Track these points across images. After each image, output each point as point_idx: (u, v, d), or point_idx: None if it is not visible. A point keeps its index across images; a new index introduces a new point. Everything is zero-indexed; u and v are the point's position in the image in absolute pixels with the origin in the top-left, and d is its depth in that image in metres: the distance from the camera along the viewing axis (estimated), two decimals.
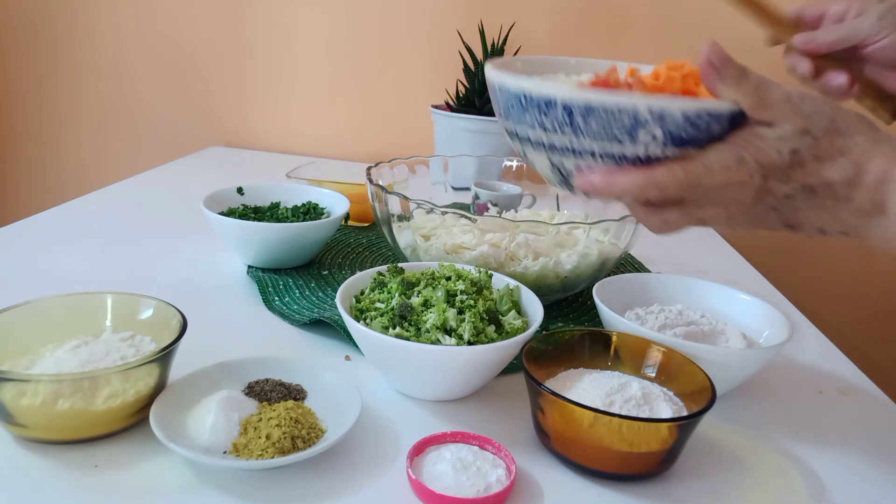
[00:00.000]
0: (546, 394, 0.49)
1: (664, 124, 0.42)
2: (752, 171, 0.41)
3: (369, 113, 1.43)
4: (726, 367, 0.58)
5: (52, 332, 0.54)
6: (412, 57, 1.38)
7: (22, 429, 0.48)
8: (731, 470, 0.53)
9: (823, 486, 0.52)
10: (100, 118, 1.52)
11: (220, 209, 0.83)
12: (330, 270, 0.83)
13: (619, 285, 0.70)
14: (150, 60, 1.46)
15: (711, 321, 0.66)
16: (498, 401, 0.59)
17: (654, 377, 0.56)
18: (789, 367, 0.69)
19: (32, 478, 0.45)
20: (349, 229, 0.98)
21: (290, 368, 0.56)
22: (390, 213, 0.75)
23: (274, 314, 0.71)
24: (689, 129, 0.42)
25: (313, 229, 0.79)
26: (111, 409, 0.47)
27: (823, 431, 0.59)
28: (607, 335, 0.60)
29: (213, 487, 0.46)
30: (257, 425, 0.48)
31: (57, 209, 0.98)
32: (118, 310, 0.57)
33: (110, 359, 0.51)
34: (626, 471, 0.49)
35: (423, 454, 0.49)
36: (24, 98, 1.53)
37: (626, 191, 0.44)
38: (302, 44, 1.40)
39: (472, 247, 0.72)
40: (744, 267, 1.02)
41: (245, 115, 1.47)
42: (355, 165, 1.08)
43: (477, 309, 0.57)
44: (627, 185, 0.43)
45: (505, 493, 0.46)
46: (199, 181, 1.18)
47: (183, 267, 0.82)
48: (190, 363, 0.53)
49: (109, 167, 1.54)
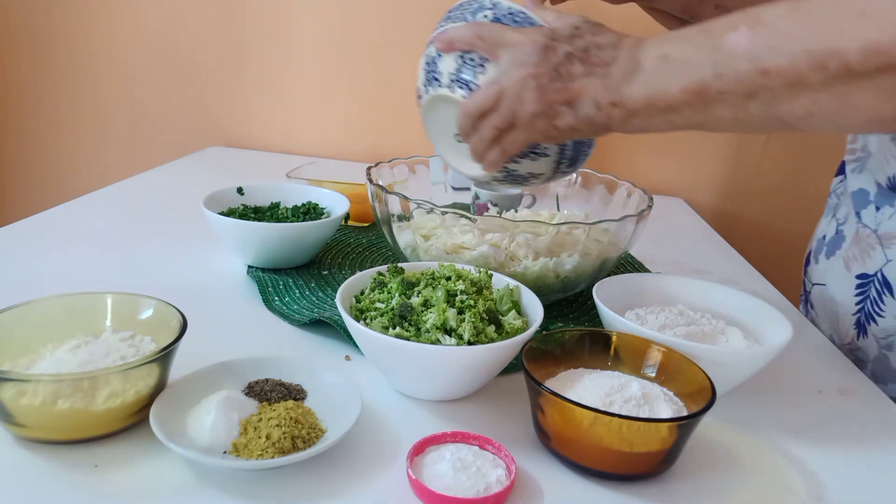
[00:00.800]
0: (546, 394, 0.49)
1: (495, 10, 0.60)
2: (542, 33, 0.55)
3: (369, 113, 1.43)
4: (726, 367, 0.58)
5: (52, 332, 0.54)
6: (412, 57, 1.37)
7: (22, 429, 0.48)
8: (731, 470, 0.53)
9: (823, 486, 0.52)
10: (99, 118, 1.52)
11: (220, 209, 0.83)
12: (330, 270, 0.83)
13: (619, 285, 0.70)
14: (150, 61, 1.46)
15: (711, 321, 0.66)
16: (498, 401, 0.59)
17: (654, 377, 0.56)
18: (789, 367, 0.69)
19: (32, 478, 0.45)
20: (349, 229, 0.98)
21: (290, 368, 0.56)
22: (390, 213, 0.75)
23: (274, 314, 0.71)
24: (509, 17, 0.59)
25: (313, 229, 0.79)
26: (111, 409, 0.47)
27: (823, 431, 0.59)
28: (607, 335, 0.60)
29: (213, 487, 0.46)
30: (257, 425, 0.48)
31: (56, 209, 0.98)
32: (118, 310, 0.57)
33: (110, 359, 0.51)
34: (625, 471, 0.49)
35: (423, 454, 0.49)
36: (23, 98, 1.53)
37: (457, 34, 0.59)
38: (302, 44, 1.40)
39: (472, 247, 0.72)
40: (744, 267, 1.02)
41: (245, 115, 1.47)
42: (355, 165, 1.08)
43: (477, 309, 0.57)
44: (458, 29, 0.59)
45: (505, 493, 0.46)
46: (199, 181, 1.18)
47: (183, 267, 0.82)
48: (190, 363, 0.53)
49: (109, 167, 1.54)
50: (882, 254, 0.73)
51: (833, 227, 0.84)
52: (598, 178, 0.89)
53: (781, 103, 0.47)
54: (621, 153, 1.39)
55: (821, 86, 0.46)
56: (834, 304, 0.80)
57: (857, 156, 0.80)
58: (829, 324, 0.82)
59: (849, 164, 0.82)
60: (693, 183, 1.39)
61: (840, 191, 0.85)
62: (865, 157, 0.79)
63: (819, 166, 1.30)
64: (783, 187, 1.36)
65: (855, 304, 0.77)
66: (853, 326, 0.77)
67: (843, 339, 0.79)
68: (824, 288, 0.82)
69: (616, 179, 0.87)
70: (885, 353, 0.74)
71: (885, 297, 0.73)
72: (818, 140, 1.29)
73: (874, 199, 0.77)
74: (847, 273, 0.78)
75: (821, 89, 0.46)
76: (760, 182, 1.37)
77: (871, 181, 0.77)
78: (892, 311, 0.72)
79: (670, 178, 1.39)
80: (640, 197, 0.80)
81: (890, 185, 0.73)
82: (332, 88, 1.42)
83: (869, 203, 0.77)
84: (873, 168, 0.76)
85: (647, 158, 1.39)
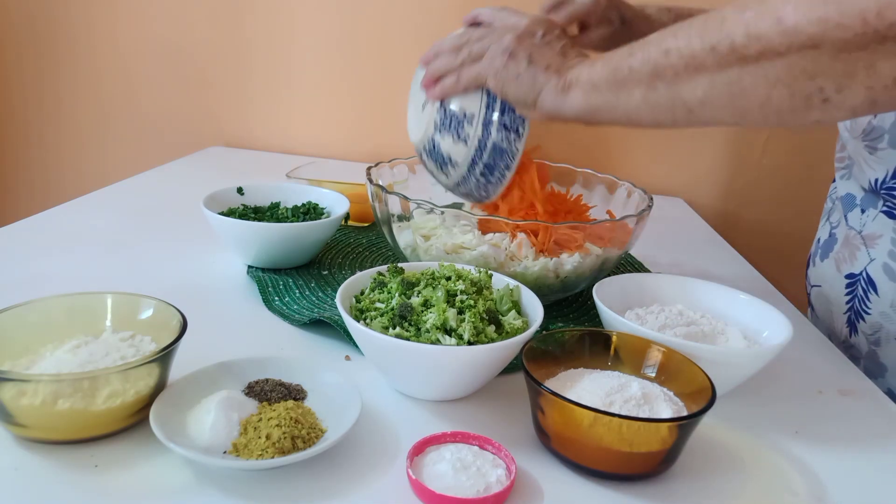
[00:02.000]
0: (546, 394, 0.49)
1: None
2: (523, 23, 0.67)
3: (369, 113, 1.43)
4: (726, 367, 0.58)
5: (52, 332, 0.54)
6: (412, 57, 1.37)
7: (22, 429, 0.48)
8: (731, 470, 0.53)
9: (823, 486, 0.52)
10: (99, 118, 1.52)
11: (220, 209, 0.83)
12: (330, 270, 0.83)
13: (619, 285, 0.70)
14: (151, 61, 1.46)
15: (711, 321, 0.66)
16: (498, 401, 0.59)
17: (654, 377, 0.56)
18: (789, 367, 0.69)
19: (32, 478, 0.45)
20: (349, 229, 0.98)
21: (290, 368, 0.56)
22: (390, 213, 0.75)
23: (274, 314, 0.71)
24: None
25: (313, 229, 0.79)
26: (111, 409, 0.47)
27: (823, 431, 0.59)
28: (607, 335, 0.60)
29: (213, 487, 0.46)
30: (257, 425, 0.48)
31: (57, 209, 0.98)
32: (118, 310, 0.57)
33: (110, 359, 0.51)
34: (625, 471, 0.49)
35: (423, 454, 0.49)
36: (24, 98, 1.53)
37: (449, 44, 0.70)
38: (302, 43, 1.40)
39: (472, 247, 0.72)
40: (744, 267, 1.02)
41: (245, 115, 1.47)
42: (355, 165, 1.08)
43: (477, 309, 0.57)
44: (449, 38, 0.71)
45: (505, 493, 0.46)
46: (199, 181, 1.18)
47: (183, 267, 0.82)
48: (190, 363, 0.53)
49: (109, 167, 1.54)
50: (866, 253, 0.75)
51: (827, 231, 0.86)
52: (599, 178, 0.89)
53: (683, 83, 0.52)
54: (621, 153, 1.39)
55: (716, 68, 0.49)
56: (829, 303, 0.82)
57: (846, 163, 0.83)
58: (827, 323, 0.84)
59: (838, 171, 0.85)
60: (693, 183, 1.39)
61: (834, 195, 0.87)
62: (851, 164, 0.81)
63: (819, 167, 1.30)
64: (783, 187, 1.36)
65: (845, 304, 0.79)
66: (846, 325, 0.79)
67: (838, 337, 0.81)
68: (821, 289, 0.84)
69: (616, 179, 0.87)
70: (873, 348, 0.76)
71: (871, 294, 0.75)
72: (818, 140, 1.29)
73: (860, 203, 0.79)
74: (838, 274, 0.80)
75: (716, 71, 0.50)
76: (761, 182, 1.37)
77: (857, 186, 0.80)
78: (877, 308, 0.74)
79: (670, 178, 1.39)
80: (640, 197, 0.80)
81: (871, 189, 0.76)
82: (332, 88, 1.42)
83: (855, 206, 0.80)
84: (857, 174, 0.79)
85: (648, 158, 1.39)
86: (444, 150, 0.71)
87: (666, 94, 0.53)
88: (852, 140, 0.76)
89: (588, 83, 0.60)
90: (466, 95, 0.69)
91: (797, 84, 0.46)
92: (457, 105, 0.70)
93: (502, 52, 0.65)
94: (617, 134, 1.37)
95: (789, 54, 0.46)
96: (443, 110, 0.70)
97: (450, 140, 0.70)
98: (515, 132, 0.70)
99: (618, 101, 0.57)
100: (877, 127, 0.72)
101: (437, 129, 0.71)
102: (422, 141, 0.74)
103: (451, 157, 0.71)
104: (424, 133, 0.73)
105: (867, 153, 0.74)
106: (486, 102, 0.69)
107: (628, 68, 0.55)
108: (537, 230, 0.72)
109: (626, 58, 0.56)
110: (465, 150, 0.70)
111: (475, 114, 0.69)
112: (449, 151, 0.71)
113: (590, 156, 1.36)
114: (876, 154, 0.73)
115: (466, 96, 0.69)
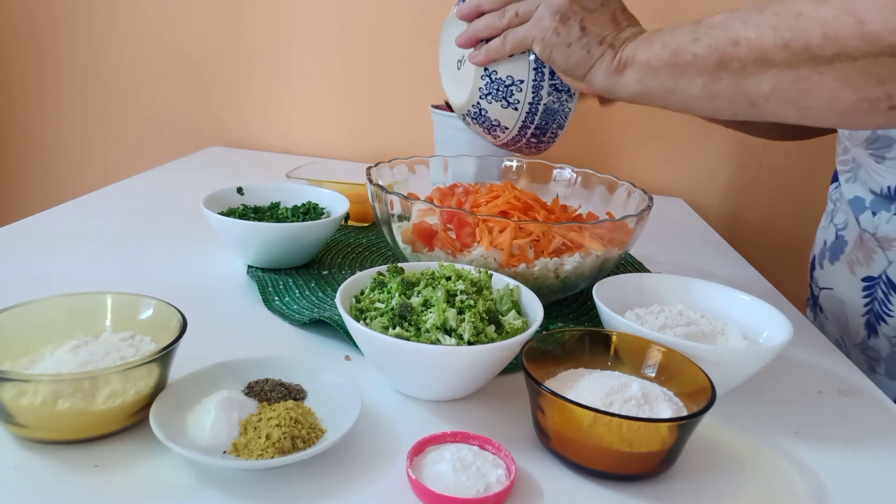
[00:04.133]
0: (546, 394, 0.49)
1: None
2: None
3: (369, 113, 1.43)
4: (726, 367, 0.58)
5: (52, 332, 0.54)
6: (412, 57, 1.38)
7: (22, 429, 0.48)
8: (731, 470, 0.53)
9: (823, 486, 0.52)
10: (100, 118, 1.52)
11: (220, 209, 0.83)
12: (330, 270, 0.83)
13: (619, 285, 0.70)
14: (151, 61, 1.46)
15: (711, 321, 0.66)
16: (498, 401, 0.59)
17: (654, 377, 0.56)
18: (789, 367, 0.69)
19: (32, 478, 0.45)
20: (349, 229, 0.98)
21: (290, 368, 0.56)
22: (390, 213, 0.75)
23: (274, 314, 0.71)
24: None
25: (313, 229, 0.79)
26: (111, 409, 0.47)
27: (823, 431, 0.59)
28: (607, 335, 0.60)
29: (213, 487, 0.46)
30: (257, 425, 0.48)
31: (57, 209, 0.98)
32: (118, 310, 0.57)
33: (110, 359, 0.51)
34: (625, 471, 0.49)
35: (423, 454, 0.49)
36: (24, 98, 1.53)
37: None
38: (302, 44, 1.40)
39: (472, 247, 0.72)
40: (744, 267, 1.02)
41: (245, 115, 1.47)
42: (355, 165, 1.08)
43: (477, 309, 0.57)
44: None
45: (505, 493, 0.46)
46: (199, 181, 1.18)
47: (183, 267, 0.82)
48: (190, 363, 0.53)
49: (109, 167, 1.54)
50: (884, 256, 0.74)
51: (832, 233, 0.85)
52: (599, 178, 0.89)
53: (749, 77, 0.50)
54: (621, 153, 1.39)
55: (785, 65, 0.48)
56: (842, 306, 0.81)
57: (850, 167, 0.82)
58: (838, 326, 0.83)
59: (842, 175, 0.84)
60: (694, 183, 1.39)
61: (836, 197, 0.87)
62: (856, 168, 0.80)
63: (819, 167, 1.30)
64: (784, 187, 1.36)
65: (863, 306, 0.78)
66: (863, 327, 0.78)
67: (853, 339, 0.80)
68: (832, 292, 0.83)
69: (616, 179, 0.87)
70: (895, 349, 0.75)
71: (893, 297, 0.73)
72: (818, 140, 1.29)
73: (870, 206, 0.78)
74: (852, 276, 0.79)
75: (784, 68, 0.48)
76: (761, 182, 1.37)
77: (864, 189, 0.79)
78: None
79: (671, 178, 1.39)
80: (640, 197, 0.80)
81: (885, 195, 0.75)
82: (332, 88, 1.42)
83: (865, 209, 0.79)
84: (864, 179, 0.78)
85: (648, 158, 1.39)
86: (493, 116, 0.68)
87: (729, 85, 0.51)
88: (854, 147, 0.75)
89: (645, 65, 0.56)
90: (512, 59, 0.65)
91: (866, 88, 0.46)
92: (504, 71, 0.66)
93: (552, 13, 0.60)
94: (617, 134, 1.37)
95: (864, 59, 0.44)
96: (488, 77, 0.67)
97: (498, 107, 0.67)
98: (567, 92, 0.66)
99: (676, 87, 0.55)
100: (882, 136, 0.71)
101: (483, 97, 0.68)
102: (465, 106, 0.70)
103: (500, 122, 0.68)
104: (468, 100, 0.69)
105: (873, 161, 0.73)
106: (533, 66, 0.65)
107: (692, 55, 0.53)
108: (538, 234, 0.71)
109: (689, 42, 0.53)
110: (516, 115, 0.67)
111: (524, 79, 0.65)
112: (498, 117, 0.68)
113: (590, 156, 1.36)
114: (885, 163, 0.72)
115: (513, 60, 0.65)
